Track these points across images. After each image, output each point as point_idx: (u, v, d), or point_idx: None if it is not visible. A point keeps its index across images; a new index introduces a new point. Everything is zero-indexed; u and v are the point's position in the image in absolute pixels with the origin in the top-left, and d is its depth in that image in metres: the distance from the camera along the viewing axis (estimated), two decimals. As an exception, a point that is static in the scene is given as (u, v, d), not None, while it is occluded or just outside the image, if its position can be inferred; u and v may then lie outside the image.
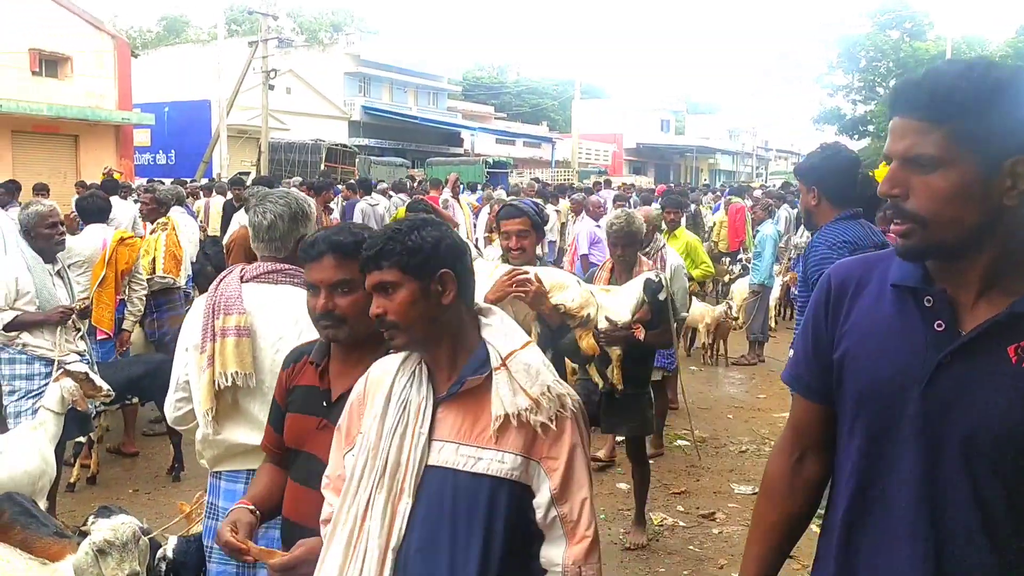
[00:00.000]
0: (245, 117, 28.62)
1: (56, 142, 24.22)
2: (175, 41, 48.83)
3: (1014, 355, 1.41)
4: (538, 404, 1.80)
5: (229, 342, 2.66)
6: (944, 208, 1.41)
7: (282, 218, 2.79)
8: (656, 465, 6.54)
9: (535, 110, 55.58)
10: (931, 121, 1.40)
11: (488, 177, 28.14)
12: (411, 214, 7.43)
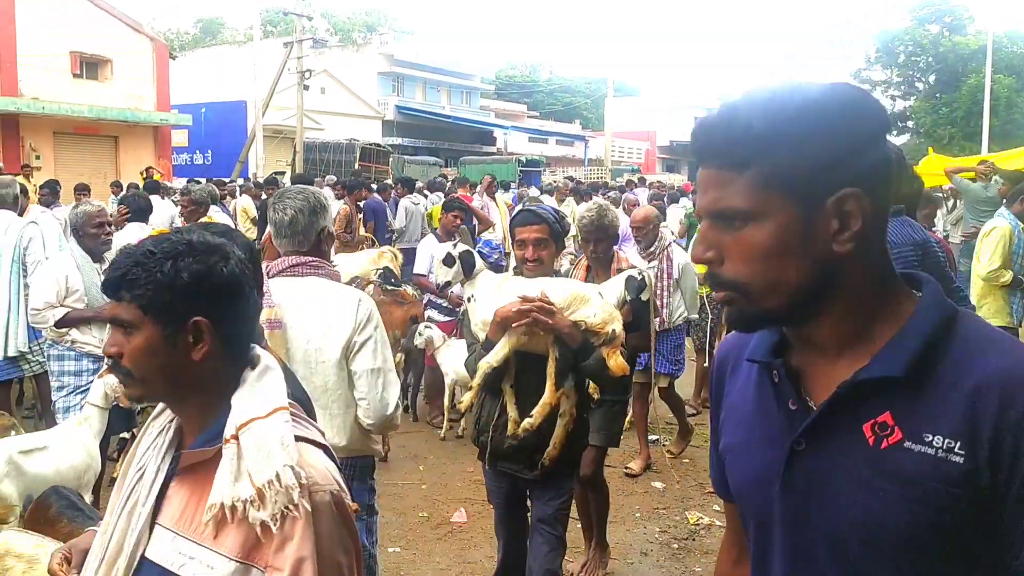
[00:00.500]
0: (280, 117, 28.90)
1: (96, 143, 24.68)
2: (211, 43, 49.47)
3: (871, 434, 1.14)
4: (262, 496, 1.37)
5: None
6: (763, 269, 1.15)
7: (302, 212, 2.88)
8: (692, 463, 6.51)
9: (568, 108, 55.47)
10: (732, 168, 1.15)
11: (521, 176, 28.15)
12: (444, 212, 7.46)
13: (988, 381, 1.09)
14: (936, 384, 1.12)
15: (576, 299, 3.28)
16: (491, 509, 5.48)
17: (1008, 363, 1.10)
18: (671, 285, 6.12)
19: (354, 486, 2.86)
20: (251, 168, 25.50)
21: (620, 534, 5.22)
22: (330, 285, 2.91)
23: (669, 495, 5.88)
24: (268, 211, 3.03)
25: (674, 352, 6.35)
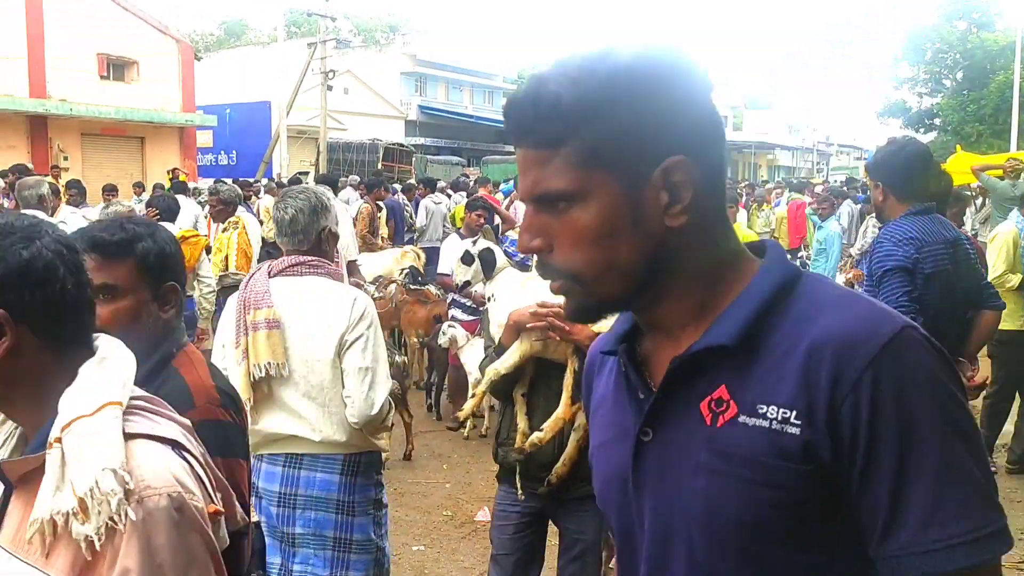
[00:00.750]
0: (304, 117, 29.08)
1: (123, 144, 24.97)
2: (236, 44, 49.86)
3: (707, 412, 1.03)
4: (84, 507, 1.16)
5: (261, 335, 2.80)
6: (593, 254, 1.04)
7: (303, 211, 2.91)
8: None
9: (590, 107, 55.35)
10: (546, 146, 1.04)
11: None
12: (468, 211, 7.48)
13: (822, 340, 0.98)
14: (771, 350, 1.02)
15: None
16: (515, 508, 5.54)
17: (844, 318, 1.00)
18: None
19: (359, 482, 2.89)
20: (275, 168, 25.70)
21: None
22: (329, 284, 2.92)
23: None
24: (272, 210, 3.06)
25: None
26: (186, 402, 1.76)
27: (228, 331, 2.94)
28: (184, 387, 1.83)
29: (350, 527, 2.85)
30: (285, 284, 2.89)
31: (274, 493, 2.87)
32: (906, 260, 3.51)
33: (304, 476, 2.84)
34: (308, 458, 2.84)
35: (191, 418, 1.57)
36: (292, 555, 2.88)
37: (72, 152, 22.92)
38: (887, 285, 3.52)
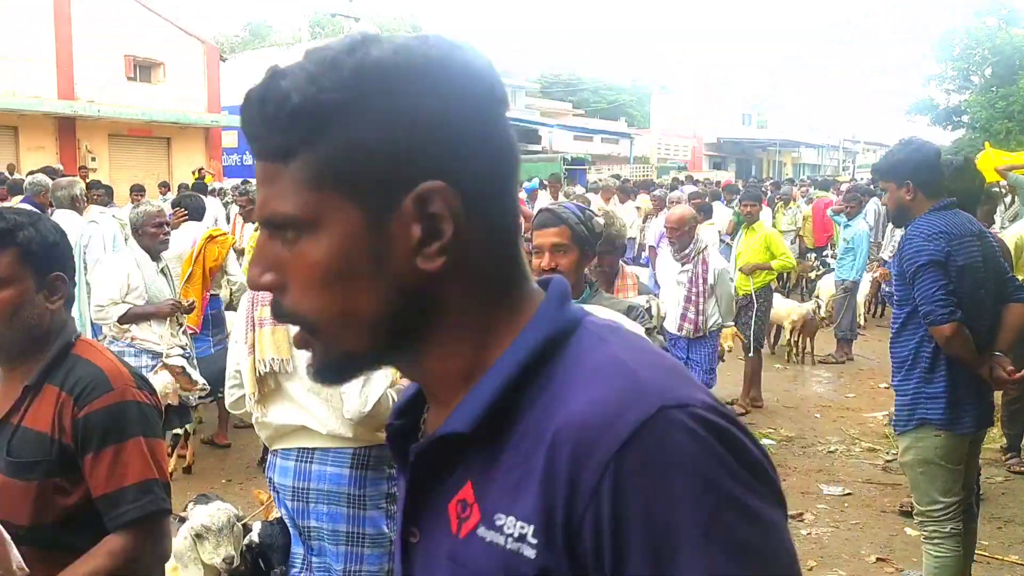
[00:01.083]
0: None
1: (150, 144, 25.22)
2: (260, 45, 50.19)
3: (454, 516, 0.81)
4: None
5: (266, 331, 2.88)
6: (326, 298, 0.80)
7: None
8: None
9: (613, 106, 55.18)
10: (274, 158, 0.81)
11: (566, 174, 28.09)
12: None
13: (563, 432, 0.74)
14: (518, 441, 0.78)
15: None
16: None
17: (586, 400, 0.75)
18: (706, 291, 5.93)
19: (369, 476, 2.91)
20: (299, 168, 25.81)
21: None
22: None
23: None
24: None
25: (708, 360, 6.14)
26: (103, 385, 1.85)
27: (240, 326, 3.02)
28: (98, 371, 1.87)
29: (362, 521, 2.87)
30: None
31: (288, 487, 2.91)
32: (938, 253, 3.49)
33: (316, 470, 2.88)
34: (319, 452, 2.88)
35: (111, 401, 1.84)
36: (310, 548, 2.92)
37: (99, 153, 23.18)
38: (921, 281, 3.50)
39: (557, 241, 2.83)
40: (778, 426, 7.38)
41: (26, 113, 21.41)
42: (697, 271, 5.90)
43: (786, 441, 6.97)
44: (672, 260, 6.06)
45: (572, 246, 2.84)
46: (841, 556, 4.93)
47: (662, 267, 6.34)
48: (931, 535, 3.75)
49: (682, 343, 6.01)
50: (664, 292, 6.06)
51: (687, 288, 5.91)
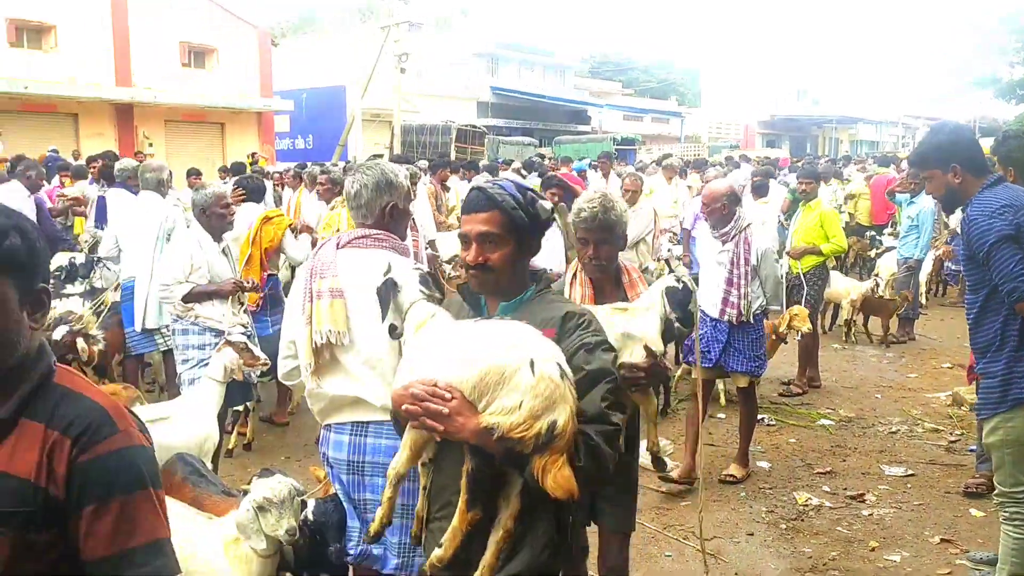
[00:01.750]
0: (378, 101, 29.36)
1: (204, 130, 25.63)
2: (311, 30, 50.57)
3: None
4: None
5: (323, 303, 2.91)
6: None
7: (367, 187, 3.01)
8: (798, 444, 6.35)
9: (663, 85, 54.49)
10: None
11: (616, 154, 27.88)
12: (543, 189, 7.44)
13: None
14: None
15: (491, 378, 2.00)
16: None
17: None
18: (748, 272, 5.41)
19: None
20: (350, 151, 26.02)
21: (725, 513, 5.15)
22: (390, 257, 2.94)
23: (775, 475, 5.75)
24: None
25: (753, 347, 5.54)
26: (108, 425, 1.54)
27: (296, 298, 3.06)
28: (98, 408, 1.56)
29: (417, 493, 2.88)
30: (351, 255, 2.96)
31: (343, 461, 2.94)
32: (1007, 227, 3.43)
33: (371, 443, 2.91)
34: (374, 425, 2.90)
35: (121, 445, 1.52)
36: (365, 521, 2.94)
37: (156, 138, 23.62)
38: (997, 259, 3.42)
39: (485, 230, 2.28)
40: (836, 406, 7.25)
41: (85, 100, 21.91)
42: (738, 251, 5.42)
43: (845, 421, 6.85)
44: (711, 239, 5.62)
45: (505, 236, 2.28)
46: (904, 537, 4.83)
47: (701, 247, 6.00)
48: (1012, 516, 3.67)
49: (723, 327, 5.49)
50: (703, 274, 5.72)
51: (728, 269, 5.41)
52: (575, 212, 3.24)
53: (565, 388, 2.00)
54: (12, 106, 20.63)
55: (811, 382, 7.77)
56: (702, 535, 4.13)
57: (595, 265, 3.22)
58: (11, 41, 20.88)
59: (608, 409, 2.10)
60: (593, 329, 2.25)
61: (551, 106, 40.66)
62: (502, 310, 2.33)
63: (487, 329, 2.14)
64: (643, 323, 3.04)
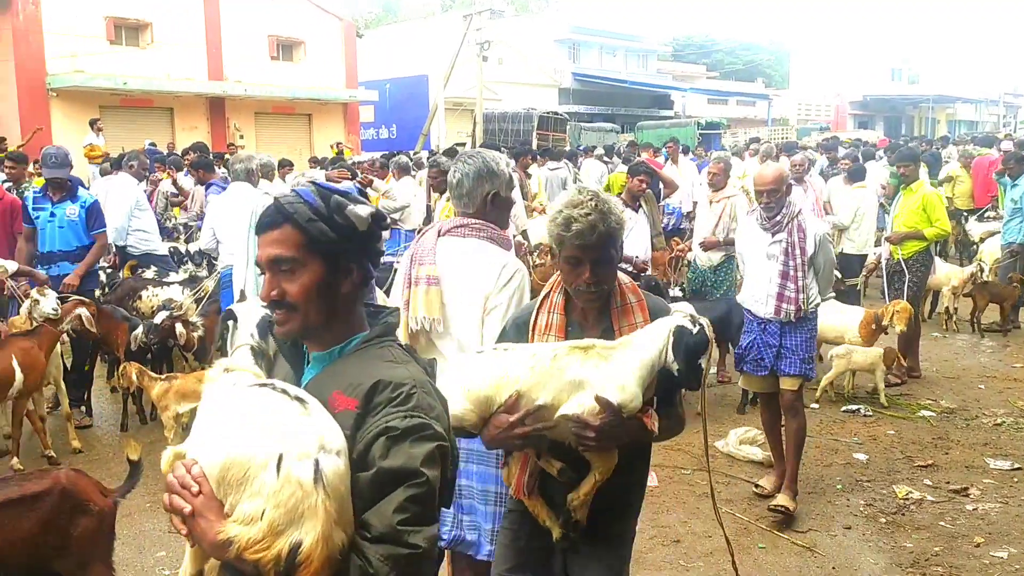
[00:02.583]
0: (460, 89, 29.55)
1: (292, 121, 26.25)
2: (394, 20, 51.16)
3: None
4: None
5: (420, 289, 2.91)
6: None
7: (468, 176, 2.97)
8: (897, 436, 6.14)
9: (749, 67, 53.27)
10: None
11: (700, 139, 27.40)
12: (630, 177, 7.36)
13: None
14: None
15: (233, 473, 1.53)
16: (683, 474, 5.46)
17: None
18: (805, 262, 4.84)
19: None
20: (433, 140, 26.28)
21: (820, 506, 5.01)
22: (486, 247, 2.94)
23: (873, 467, 5.58)
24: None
25: (806, 346, 4.96)
26: None
27: (398, 283, 3.08)
28: None
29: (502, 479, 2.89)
30: (450, 244, 2.96)
31: None
32: None
33: None
34: None
35: None
36: (460, 507, 2.95)
37: (246, 130, 24.32)
38: None
39: (275, 253, 1.73)
40: (938, 397, 6.98)
41: (180, 95, 22.69)
42: (793, 240, 4.85)
43: (947, 413, 6.59)
44: (759, 230, 4.99)
45: (303, 259, 1.72)
46: (1011, 533, 4.63)
47: (745, 239, 5.19)
48: None
49: (773, 328, 4.94)
50: (750, 269, 5.13)
51: (782, 262, 4.84)
52: (552, 220, 2.47)
53: (317, 498, 1.49)
54: (113, 101, 21.52)
55: (911, 372, 7.50)
56: (731, 547, 3.48)
57: (593, 293, 2.47)
58: (111, 39, 21.76)
59: (404, 525, 1.53)
60: (411, 408, 1.62)
61: (633, 91, 40.23)
62: (311, 365, 1.82)
63: (249, 400, 1.62)
64: (615, 370, 2.30)
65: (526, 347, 2.43)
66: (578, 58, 41.84)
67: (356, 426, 1.60)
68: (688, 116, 37.54)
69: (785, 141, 24.05)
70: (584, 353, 2.33)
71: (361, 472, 1.57)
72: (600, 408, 2.26)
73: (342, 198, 1.75)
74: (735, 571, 3.00)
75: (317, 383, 1.73)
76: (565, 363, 2.31)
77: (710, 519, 4.80)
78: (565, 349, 2.34)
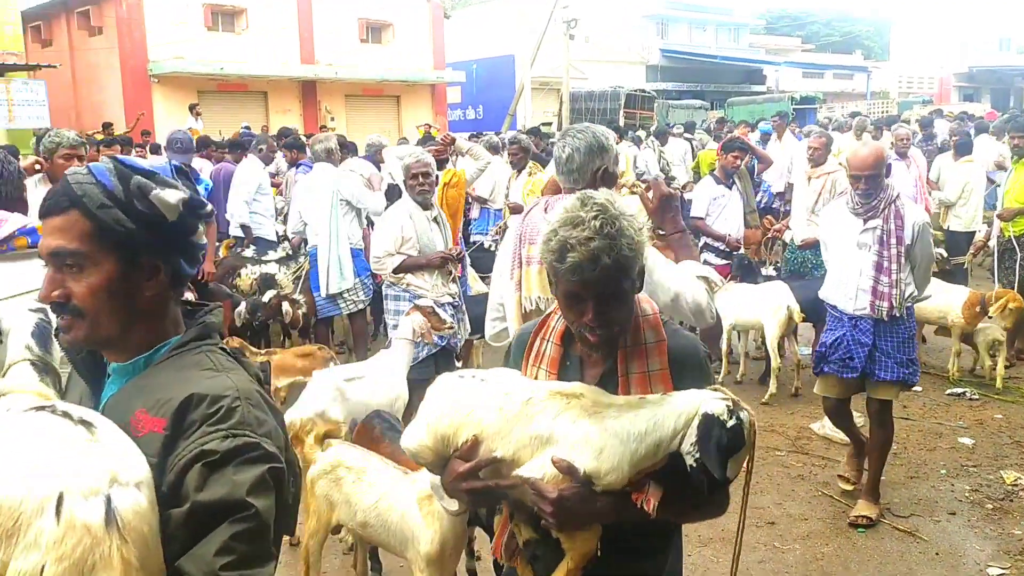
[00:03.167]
0: (547, 69, 29.42)
1: (381, 103, 26.64)
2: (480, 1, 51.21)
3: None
4: None
5: (533, 269, 2.84)
6: None
7: (578, 150, 2.88)
8: (1005, 420, 5.90)
9: (847, 39, 51.38)
10: None
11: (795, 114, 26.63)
12: (724, 153, 7.21)
13: None
14: None
15: (0, 522, 1.19)
16: (777, 456, 5.36)
17: None
18: (902, 252, 4.30)
19: None
20: (519, 120, 26.27)
21: (924, 491, 4.86)
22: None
23: (979, 452, 5.37)
24: (554, 149, 3.08)
25: (904, 348, 4.39)
26: None
27: (505, 262, 3.04)
28: None
29: None
30: None
31: None
32: None
33: None
34: None
35: None
36: None
37: (337, 113, 24.79)
38: None
39: (58, 245, 1.43)
40: None
41: (274, 79, 23.27)
42: (889, 227, 4.30)
43: (1060, 397, 6.30)
44: (848, 215, 4.44)
45: (95, 252, 1.43)
46: None
47: (832, 225, 4.62)
48: None
49: (866, 325, 4.40)
50: (837, 259, 4.58)
51: (876, 252, 4.32)
52: (545, 242, 1.86)
53: (111, 544, 1.19)
54: (210, 86, 22.23)
55: (1019, 354, 7.18)
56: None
57: (598, 336, 1.87)
58: (208, 25, 22.45)
59: (229, 570, 1.25)
60: (234, 425, 1.34)
61: (724, 66, 39.33)
62: (112, 380, 1.53)
63: (21, 429, 1.30)
64: (599, 431, 1.74)
65: (505, 381, 1.91)
66: (666, 34, 41.10)
67: (165, 451, 1.31)
68: (781, 91, 36.48)
69: (886, 115, 23.16)
70: (566, 401, 1.78)
71: (173, 508, 1.27)
72: (565, 475, 1.72)
73: (147, 179, 1.42)
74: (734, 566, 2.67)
75: (118, 401, 1.43)
76: (538, 410, 1.78)
77: (805, 501, 4.73)
78: (545, 392, 1.81)
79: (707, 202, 7.02)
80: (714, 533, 4.38)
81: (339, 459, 3.33)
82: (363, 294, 6.70)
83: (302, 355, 5.79)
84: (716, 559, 4.14)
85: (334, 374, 4.43)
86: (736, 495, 1.95)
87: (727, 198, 7.01)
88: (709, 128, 17.97)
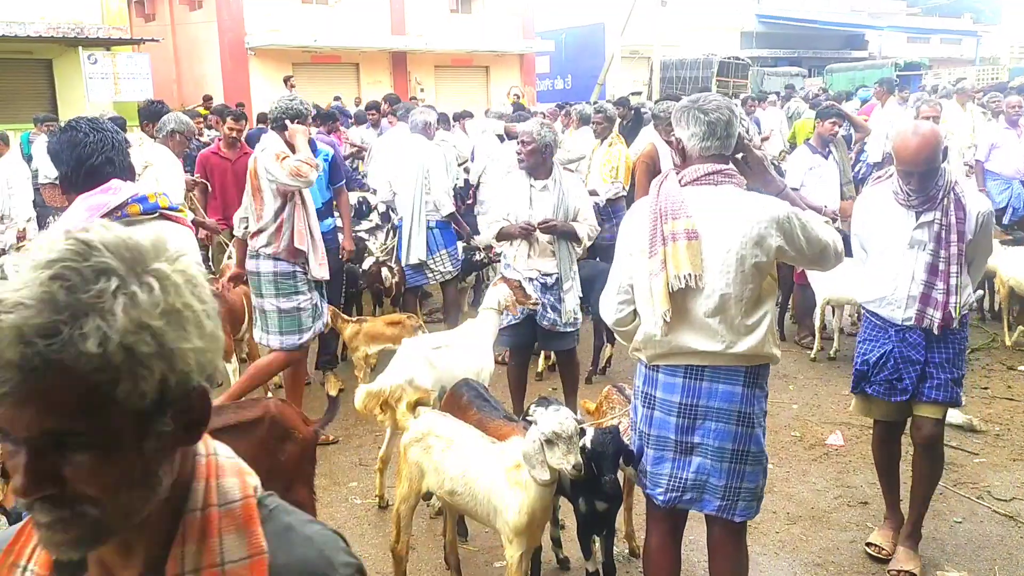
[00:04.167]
0: (637, 37, 28.94)
1: (471, 74, 26.72)
2: (570, -32, 50.56)
3: None
4: None
5: (680, 245, 2.72)
6: None
7: (723, 120, 2.81)
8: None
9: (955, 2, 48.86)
10: None
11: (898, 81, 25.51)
12: (820, 121, 6.98)
13: None
14: None
15: None
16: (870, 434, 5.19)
17: None
18: (960, 252, 3.52)
19: (756, 393, 2.82)
20: (608, 90, 25.95)
21: None
22: (745, 194, 2.80)
23: (1090, 437, 5.11)
24: (680, 119, 2.88)
25: (955, 363, 3.65)
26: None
27: (638, 239, 2.88)
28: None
29: (749, 439, 2.80)
30: (701, 193, 2.79)
31: (674, 404, 2.84)
32: None
33: (705, 387, 2.79)
34: (709, 370, 2.79)
35: None
36: (687, 463, 2.86)
37: (427, 83, 24.97)
38: None
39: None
40: None
41: (365, 50, 23.57)
42: (948, 221, 3.50)
43: None
44: (896, 206, 3.61)
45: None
46: None
47: (873, 219, 3.74)
48: None
49: (916, 337, 3.63)
50: (879, 259, 3.72)
51: (931, 251, 3.53)
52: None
53: None
54: (304, 58, 22.68)
55: None
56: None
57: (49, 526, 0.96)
58: (302, -1, 22.87)
59: None
60: None
61: (823, 31, 37.92)
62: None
63: None
64: None
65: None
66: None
67: None
68: (885, 57, 34.98)
69: (996, 81, 21.98)
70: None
71: None
72: None
73: None
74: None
75: None
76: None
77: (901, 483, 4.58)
78: None
79: (802, 172, 6.82)
80: (803, 511, 4.30)
81: (430, 427, 3.39)
82: (451, 265, 6.77)
83: (391, 323, 5.90)
84: (805, 537, 4.08)
85: (422, 342, 4.51)
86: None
87: (823, 168, 6.80)
88: (807, 96, 17.37)
